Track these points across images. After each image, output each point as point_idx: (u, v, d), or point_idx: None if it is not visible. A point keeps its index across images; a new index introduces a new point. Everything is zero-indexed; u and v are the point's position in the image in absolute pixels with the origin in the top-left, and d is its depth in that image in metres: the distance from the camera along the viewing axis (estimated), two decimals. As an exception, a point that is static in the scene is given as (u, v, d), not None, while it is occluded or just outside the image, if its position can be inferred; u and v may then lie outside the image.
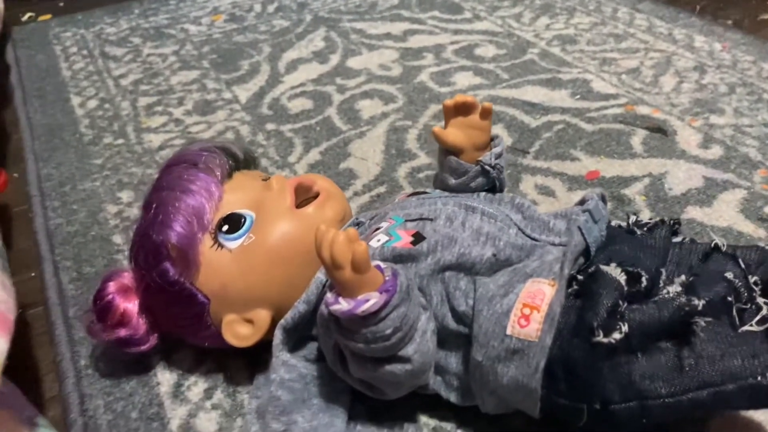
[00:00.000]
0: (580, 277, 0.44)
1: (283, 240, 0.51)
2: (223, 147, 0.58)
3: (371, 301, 0.40)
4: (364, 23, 1.17)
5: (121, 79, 1.03)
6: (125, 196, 0.77)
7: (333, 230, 0.41)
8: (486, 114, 0.56)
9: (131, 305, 0.54)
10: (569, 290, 0.44)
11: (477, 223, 0.49)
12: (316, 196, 0.55)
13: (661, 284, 0.44)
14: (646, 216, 0.67)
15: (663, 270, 0.45)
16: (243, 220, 0.52)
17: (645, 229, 0.49)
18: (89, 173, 0.82)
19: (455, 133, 0.57)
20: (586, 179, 0.74)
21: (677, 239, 0.49)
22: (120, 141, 0.88)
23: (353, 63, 1.04)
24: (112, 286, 0.54)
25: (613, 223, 0.51)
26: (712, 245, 0.47)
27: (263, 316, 0.51)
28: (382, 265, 0.43)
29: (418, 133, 0.85)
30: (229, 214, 0.52)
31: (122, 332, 0.54)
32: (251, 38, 1.14)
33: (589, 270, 0.44)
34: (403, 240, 0.48)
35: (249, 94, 0.97)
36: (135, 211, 0.73)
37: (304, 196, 0.55)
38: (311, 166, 0.80)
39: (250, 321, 0.52)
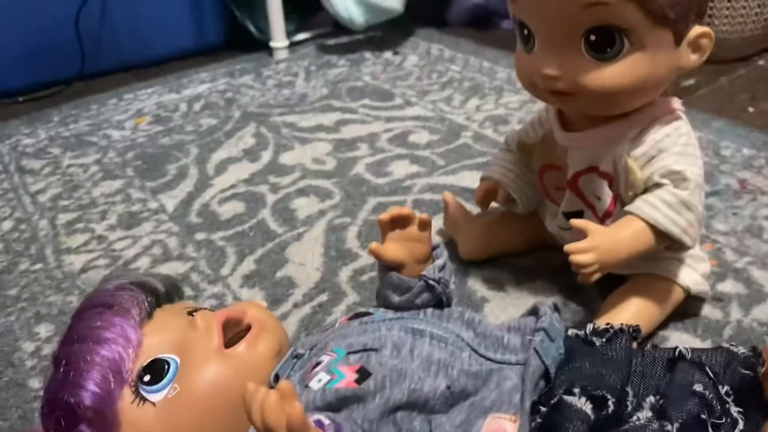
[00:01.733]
0: (543, 408, 0.41)
1: (212, 388, 0.46)
2: (141, 282, 0.53)
3: None
4: (295, 116, 1.15)
5: (39, 194, 0.97)
6: (43, 330, 0.71)
7: (263, 391, 0.36)
8: (424, 225, 0.53)
9: None
10: (532, 424, 0.40)
11: (426, 350, 0.45)
12: (248, 328, 0.50)
13: (629, 406, 0.41)
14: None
15: (629, 388, 0.42)
16: (167, 366, 0.47)
17: (604, 339, 0.46)
18: (3, 307, 0.74)
19: (394, 248, 0.53)
20: (535, 268, 0.72)
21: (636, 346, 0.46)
22: (38, 266, 0.81)
23: (286, 159, 1.01)
24: None
25: (570, 332, 0.48)
26: (676, 353, 0.44)
27: None
28: (325, 420, 0.38)
29: (358, 230, 0.82)
30: (151, 362, 0.47)
31: None
32: (177, 140, 1.10)
33: (552, 401, 0.40)
34: (346, 378, 0.44)
35: (176, 201, 0.92)
36: (54, 347, 0.67)
37: (234, 331, 0.50)
38: (246, 278, 0.75)
39: None
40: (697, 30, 0.52)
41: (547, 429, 0.40)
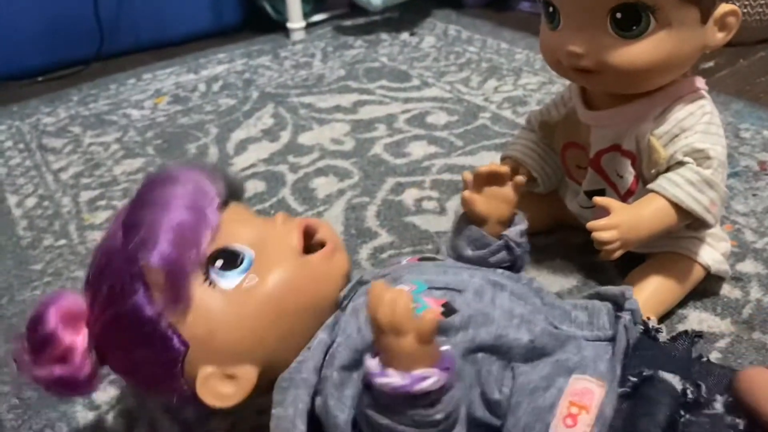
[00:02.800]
0: (633, 378, 0.41)
1: (289, 287, 0.45)
2: (220, 170, 0.50)
3: (431, 379, 0.35)
4: (313, 97, 1.15)
5: (61, 172, 0.98)
6: (69, 303, 0.72)
7: (393, 290, 0.36)
8: (517, 188, 0.54)
9: (80, 339, 0.45)
10: (620, 390, 0.41)
11: (507, 303, 0.45)
12: (320, 245, 0.49)
13: (702, 399, 0.41)
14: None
15: (702, 384, 0.42)
16: (241, 257, 0.45)
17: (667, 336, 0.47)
18: (28, 281, 0.76)
19: (484, 202, 0.54)
20: (555, 247, 0.72)
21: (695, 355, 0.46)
22: (62, 242, 0.82)
23: (304, 139, 1.01)
24: (54, 313, 0.45)
25: None
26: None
27: (250, 373, 0.44)
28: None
29: (377, 209, 0.83)
30: (225, 248, 0.45)
31: (58, 370, 0.44)
32: (197, 120, 1.11)
33: (644, 374, 0.41)
34: (432, 309, 0.43)
35: (198, 180, 0.93)
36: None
37: (306, 242, 0.49)
38: (268, 255, 0.76)
39: (231, 377, 0.44)
40: (723, 7, 0.52)
41: (632, 398, 0.40)
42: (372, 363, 0.37)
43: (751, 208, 0.76)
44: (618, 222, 0.52)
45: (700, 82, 0.58)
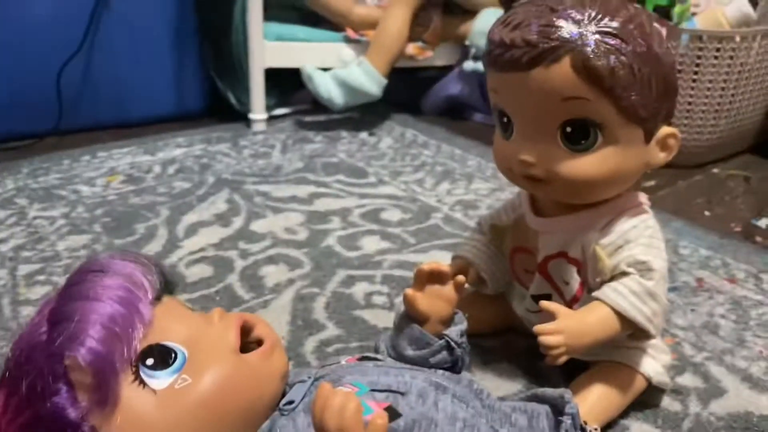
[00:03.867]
0: None
1: (225, 388, 0.43)
2: (154, 262, 0.48)
3: None
4: (269, 186, 1.16)
5: (1, 244, 0.95)
6: (-9, 382, 0.68)
7: (341, 393, 0.36)
8: (459, 288, 0.55)
9: None
10: None
11: (450, 407, 0.45)
12: (257, 342, 0.47)
13: None
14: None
15: None
16: (173, 355, 0.43)
17: None
18: (-50, 355, 0.71)
19: (425, 301, 0.55)
20: (501, 350, 0.72)
21: None
22: (-9, 316, 0.78)
23: (257, 226, 1.01)
24: None
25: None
26: None
27: None
28: None
29: (326, 301, 0.82)
30: (157, 345, 0.42)
31: None
32: (149, 200, 1.10)
33: None
34: (380, 414, 0.42)
35: (144, 260, 0.91)
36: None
37: (243, 339, 0.47)
38: (210, 342, 0.74)
39: None
40: (665, 130, 0.56)
41: None
42: None
43: (690, 322, 0.78)
44: (564, 327, 0.53)
45: (643, 198, 0.61)
